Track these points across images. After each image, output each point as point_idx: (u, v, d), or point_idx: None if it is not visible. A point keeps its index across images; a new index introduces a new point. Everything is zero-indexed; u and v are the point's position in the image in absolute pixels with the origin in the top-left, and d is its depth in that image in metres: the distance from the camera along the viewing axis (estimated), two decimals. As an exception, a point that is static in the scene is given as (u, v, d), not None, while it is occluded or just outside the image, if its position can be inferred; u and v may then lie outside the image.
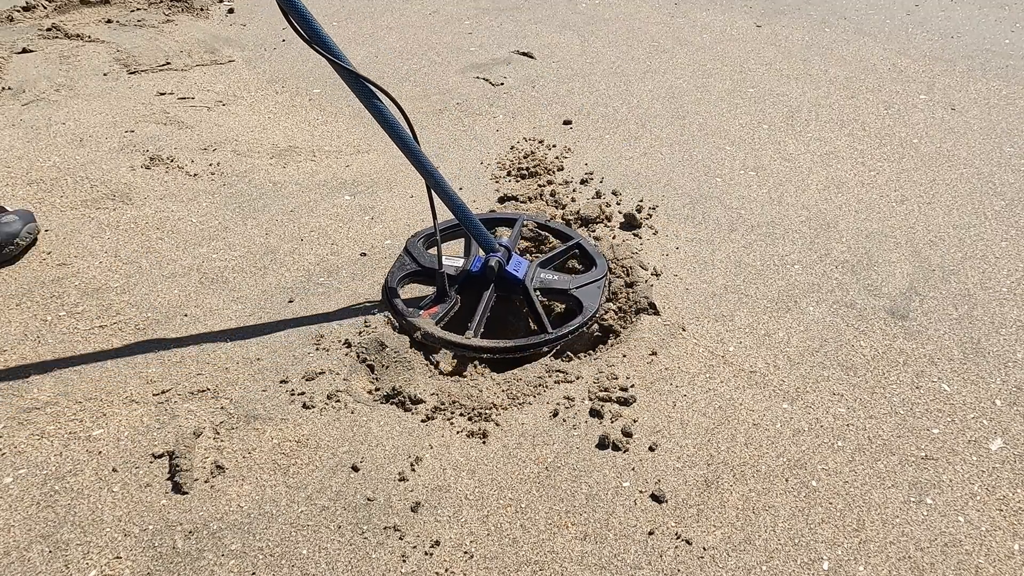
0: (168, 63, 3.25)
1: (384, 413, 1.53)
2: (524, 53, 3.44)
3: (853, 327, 1.78)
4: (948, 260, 2.02)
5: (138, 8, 3.95)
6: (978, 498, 1.37)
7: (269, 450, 1.43)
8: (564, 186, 2.36)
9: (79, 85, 2.99)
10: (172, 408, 1.52)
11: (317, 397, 1.55)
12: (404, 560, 1.24)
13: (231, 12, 4.00)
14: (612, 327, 1.79)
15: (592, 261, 1.94)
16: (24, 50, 3.30)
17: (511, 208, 2.22)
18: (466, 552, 1.26)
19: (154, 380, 1.59)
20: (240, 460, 1.41)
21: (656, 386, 1.60)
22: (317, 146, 2.61)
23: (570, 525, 1.31)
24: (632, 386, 1.60)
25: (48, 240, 2.03)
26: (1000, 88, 3.10)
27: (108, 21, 3.74)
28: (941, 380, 1.63)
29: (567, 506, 1.34)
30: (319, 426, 1.49)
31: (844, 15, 4.01)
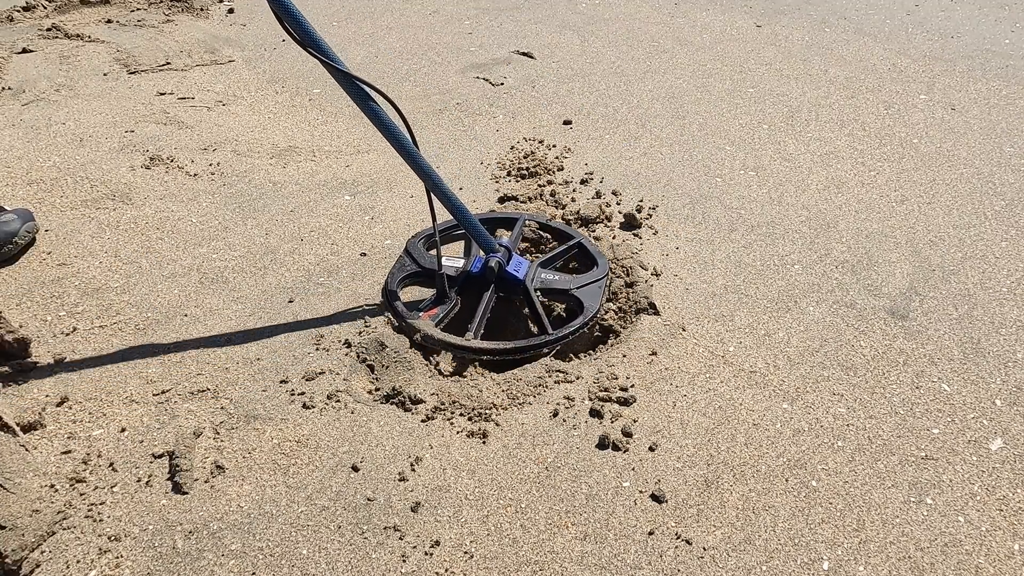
0: (168, 63, 3.25)
1: (384, 413, 1.53)
2: (524, 53, 3.44)
3: (853, 327, 1.78)
4: (948, 260, 2.02)
5: (138, 8, 3.95)
6: (978, 498, 1.37)
7: (269, 450, 1.43)
8: (564, 186, 2.36)
9: (79, 85, 2.99)
10: (172, 408, 1.52)
11: (317, 397, 1.55)
12: (404, 560, 1.24)
13: (231, 12, 4.00)
14: (612, 327, 1.78)
15: (593, 261, 1.93)
16: (24, 50, 3.30)
17: (511, 208, 2.22)
18: (466, 552, 1.26)
19: (154, 380, 1.59)
20: (240, 460, 1.41)
21: (656, 386, 1.60)
22: (317, 146, 2.61)
23: (570, 525, 1.31)
24: (632, 386, 1.59)
25: (48, 240, 2.03)
26: (1000, 88, 3.10)
27: (108, 21, 3.74)
28: (941, 380, 1.63)
29: (567, 506, 1.34)
30: (319, 426, 1.49)
31: (844, 15, 4.01)
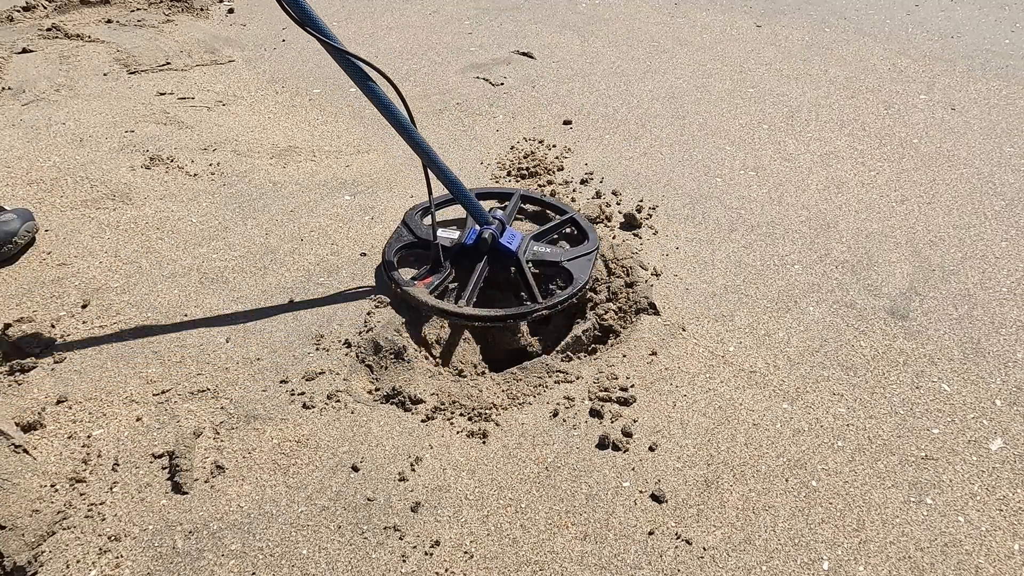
0: (168, 63, 3.25)
1: (384, 413, 1.53)
2: (524, 53, 3.44)
3: (853, 327, 1.78)
4: (948, 260, 2.02)
5: (138, 8, 3.95)
6: (978, 498, 1.37)
7: (269, 450, 1.43)
8: (564, 186, 2.36)
9: (79, 85, 2.99)
10: (172, 408, 1.52)
11: (317, 397, 1.55)
12: (404, 560, 1.24)
13: (231, 12, 4.00)
14: (612, 327, 1.79)
15: (585, 235, 2.01)
16: (24, 50, 3.30)
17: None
18: (466, 552, 1.26)
19: (154, 380, 1.59)
20: (240, 460, 1.41)
21: (656, 386, 1.60)
22: (317, 146, 2.60)
23: (570, 525, 1.31)
24: (632, 386, 1.60)
25: (48, 240, 2.03)
26: (1000, 88, 3.10)
27: (108, 21, 3.74)
28: (941, 380, 1.63)
29: (567, 506, 1.34)
30: (319, 426, 1.49)
31: (844, 15, 4.01)
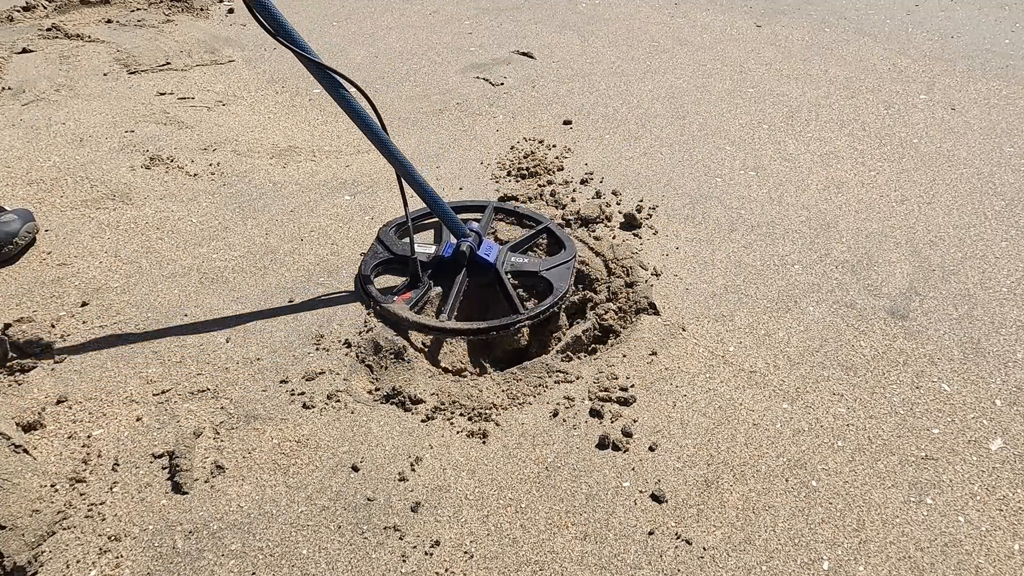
0: (168, 63, 3.25)
1: (384, 413, 1.53)
2: (524, 53, 3.44)
3: (853, 327, 1.78)
4: (948, 260, 2.02)
5: (138, 8, 3.95)
6: (978, 498, 1.37)
7: (269, 450, 1.43)
8: (564, 186, 2.36)
9: (79, 85, 2.99)
10: (172, 408, 1.52)
11: (317, 397, 1.55)
12: (404, 560, 1.24)
13: (231, 12, 4.00)
14: (612, 327, 1.78)
15: (561, 244, 2.00)
16: (24, 50, 3.30)
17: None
18: (466, 552, 1.26)
19: (154, 380, 1.59)
20: (240, 460, 1.41)
21: (656, 386, 1.60)
22: (317, 146, 2.61)
23: (570, 525, 1.31)
24: (632, 386, 1.60)
25: (48, 240, 2.03)
26: (1000, 88, 3.10)
27: (108, 21, 3.74)
28: (941, 380, 1.63)
29: (567, 506, 1.34)
30: (319, 426, 1.49)
31: (844, 15, 4.01)
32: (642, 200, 2.27)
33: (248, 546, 1.26)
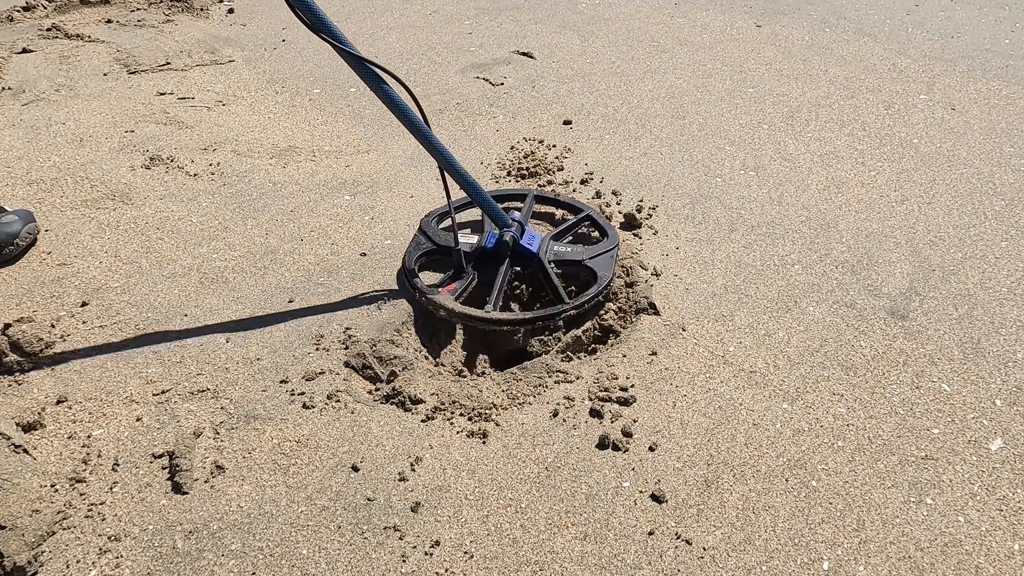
0: (168, 63, 3.25)
1: (384, 413, 1.53)
2: (524, 53, 3.44)
3: (853, 327, 1.78)
4: (948, 260, 2.02)
5: (138, 8, 3.95)
6: (978, 498, 1.37)
7: (269, 450, 1.43)
8: (564, 186, 2.36)
9: (79, 85, 2.99)
10: (172, 408, 1.52)
11: (317, 397, 1.55)
12: (404, 560, 1.24)
13: (231, 12, 4.00)
14: (612, 327, 1.78)
15: (603, 232, 2.00)
16: (24, 50, 3.30)
17: (511, 209, 2.23)
18: (466, 552, 1.26)
19: (154, 380, 1.59)
20: (240, 460, 1.41)
21: (656, 386, 1.60)
22: (317, 146, 2.61)
23: (570, 525, 1.31)
24: (632, 386, 1.60)
25: (48, 240, 2.03)
26: (1000, 88, 3.10)
27: (108, 21, 3.74)
28: (941, 380, 1.63)
29: (567, 506, 1.34)
30: (319, 426, 1.49)
31: (844, 15, 4.01)
32: (642, 200, 2.27)
33: (248, 546, 1.26)
